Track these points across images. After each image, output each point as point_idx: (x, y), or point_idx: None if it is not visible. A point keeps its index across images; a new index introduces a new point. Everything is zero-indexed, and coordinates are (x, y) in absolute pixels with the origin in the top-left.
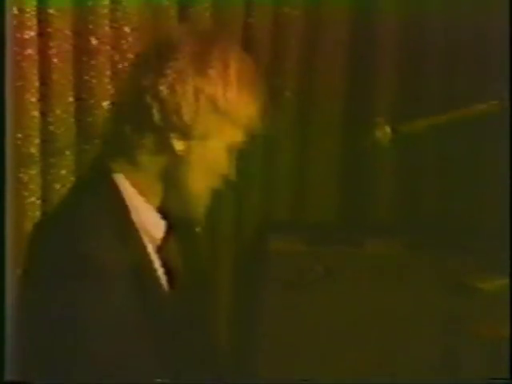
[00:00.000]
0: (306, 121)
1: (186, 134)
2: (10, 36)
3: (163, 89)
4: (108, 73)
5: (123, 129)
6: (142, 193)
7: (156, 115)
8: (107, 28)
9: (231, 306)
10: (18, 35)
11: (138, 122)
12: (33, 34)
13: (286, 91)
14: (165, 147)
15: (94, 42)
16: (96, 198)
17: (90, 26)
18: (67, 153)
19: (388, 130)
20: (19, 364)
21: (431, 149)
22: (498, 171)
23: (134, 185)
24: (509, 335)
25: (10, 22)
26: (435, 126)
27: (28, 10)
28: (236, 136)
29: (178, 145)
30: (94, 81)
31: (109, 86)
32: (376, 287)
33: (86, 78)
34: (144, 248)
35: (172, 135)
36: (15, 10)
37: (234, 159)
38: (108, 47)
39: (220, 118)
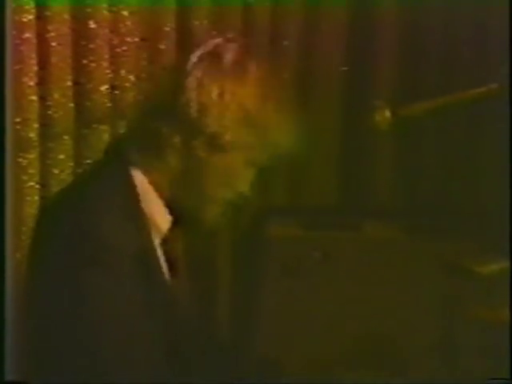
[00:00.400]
0: (305, 104)
1: (212, 141)
2: (9, 19)
3: (202, 93)
4: (107, 57)
5: (153, 125)
6: (155, 187)
7: (190, 118)
8: (106, 12)
9: (230, 291)
10: (17, 18)
11: (171, 121)
12: (31, 17)
13: (285, 74)
14: (189, 150)
15: (92, 25)
16: (109, 184)
17: (89, 10)
18: (66, 137)
19: (387, 113)
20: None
21: (430, 132)
22: (497, 155)
23: (149, 178)
24: (507, 319)
25: (8, 5)
26: (435, 110)
27: None
28: (259, 154)
29: (202, 150)
30: (92, 65)
31: (107, 70)
32: (374, 271)
33: (85, 61)
34: (150, 237)
35: (199, 140)
36: None
37: (251, 176)
38: (107, 31)
39: (249, 133)
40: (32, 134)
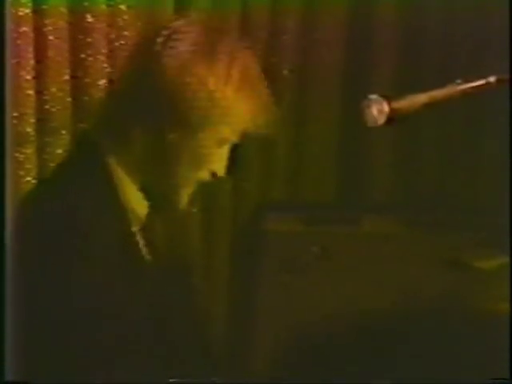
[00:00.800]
0: (303, 99)
1: (180, 122)
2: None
3: (165, 74)
4: (104, 51)
5: (120, 108)
6: (128, 172)
7: (155, 100)
8: (103, 5)
9: (228, 286)
10: (13, 12)
11: (137, 104)
12: (28, 11)
13: (283, 70)
14: (158, 132)
15: (89, 19)
16: (85, 173)
17: (86, 3)
18: (63, 132)
19: (385, 107)
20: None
21: (429, 125)
22: (497, 148)
23: (120, 163)
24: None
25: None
26: (433, 103)
27: None
28: (229, 134)
29: (171, 132)
30: (89, 59)
31: (105, 64)
32: (373, 266)
33: (82, 55)
34: (129, 225)
35: (167, 121)
36: None
37: (224, 154)
38: (104, 25)
39: (217, 112)
40: (29, 129)
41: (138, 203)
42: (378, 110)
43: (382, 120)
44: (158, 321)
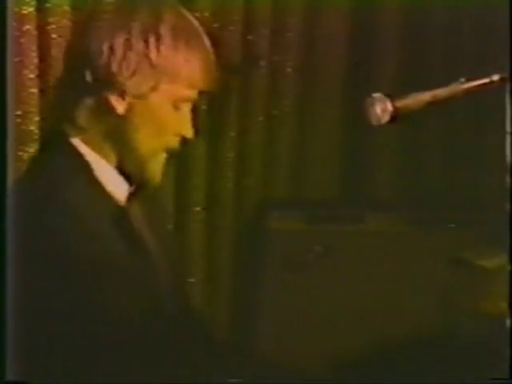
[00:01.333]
0: (306, 97)
1: (123, 92)
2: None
3: (92, 47)
4: None
5: (66, 93)
6: (98, 154)
7: (88, 76)
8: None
9: (231, 284)
10: (17, 10)
11: (76, 85)
12: (31, 9)
13: (287, 68)
14: (106, 108)
15: None
16: (60, 161)
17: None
18: None
19: (388, 105)
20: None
21: (432, 124)
22: (500, 148)
23: (89, 146)
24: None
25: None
26: (437, 102)
27: None
28: (179, 92)
29: (119, 105)
30: None
31: None
32: (376, 264)
33: None
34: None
35: (110, 95)
36: None
37: (186, 116)
38: None
39: (156, 73)
40: (32, 127)
41: (116, 186)
42: (381, 108)
43: (385, 118)
44: (154, 319)
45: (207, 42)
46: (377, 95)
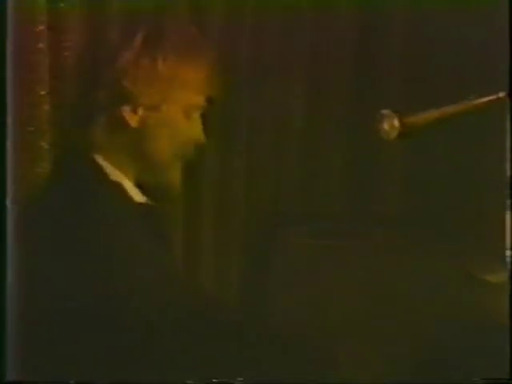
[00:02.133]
0: (314, 112)
1: (136, 106)
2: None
3: (103, 63)
4: None
5: (79, 110)
6: (116, 168)
7: (101, 93)
8: None
9: (238, 299)
10: (30, 28)
11: (89, 102)
12: (42, 27)
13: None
14: (120, 123)
15: None
16: (80, 175)
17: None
18: None
19: (396, 122)
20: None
21: (438, 140)
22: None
23: (107, 161)
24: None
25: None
26: (445, 119)
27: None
28: (189, 100)
29: (132, 118)
30: None
31: None
32: (383, 278)
33: None
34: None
35: (123, 109)
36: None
37: (197, 123)
38: None
39: (165, 83)
40: (45, 143)
41: (137, 196)
42: (389, 124)
43: (393, 135)
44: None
45: (213, 48)
46: (385, 111)
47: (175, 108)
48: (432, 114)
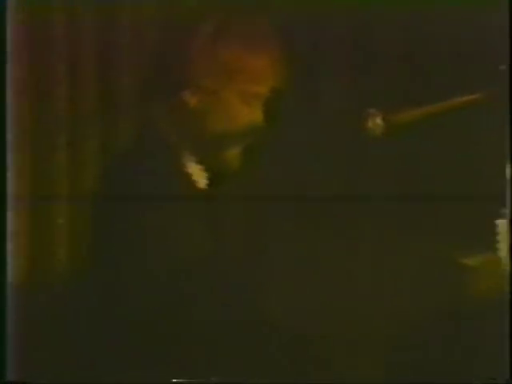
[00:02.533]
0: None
1: (196, 89)
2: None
3: (169, 52)
4: None
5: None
6: (186, 148)
7: (165, 79)
8: None
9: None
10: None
11: (155, 89)
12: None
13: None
14: (182, 106)
15: None
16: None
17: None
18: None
19: (380, 120)
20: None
21: (424, 138)
22: (492, 158)
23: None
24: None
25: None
26: (428, 116)
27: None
28: (250, 88)
29: (191, 99)
30: None
31: None
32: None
33: None
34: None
35: (184, 93)
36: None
37: (258, 111)
38: None
39: (226, 71)
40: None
41: (198, 175)
42: (373, 122)
43: (377, 132)
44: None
45: (277, 39)
46: (371, 110)
47: (233, 95)
48: (415, 112)
